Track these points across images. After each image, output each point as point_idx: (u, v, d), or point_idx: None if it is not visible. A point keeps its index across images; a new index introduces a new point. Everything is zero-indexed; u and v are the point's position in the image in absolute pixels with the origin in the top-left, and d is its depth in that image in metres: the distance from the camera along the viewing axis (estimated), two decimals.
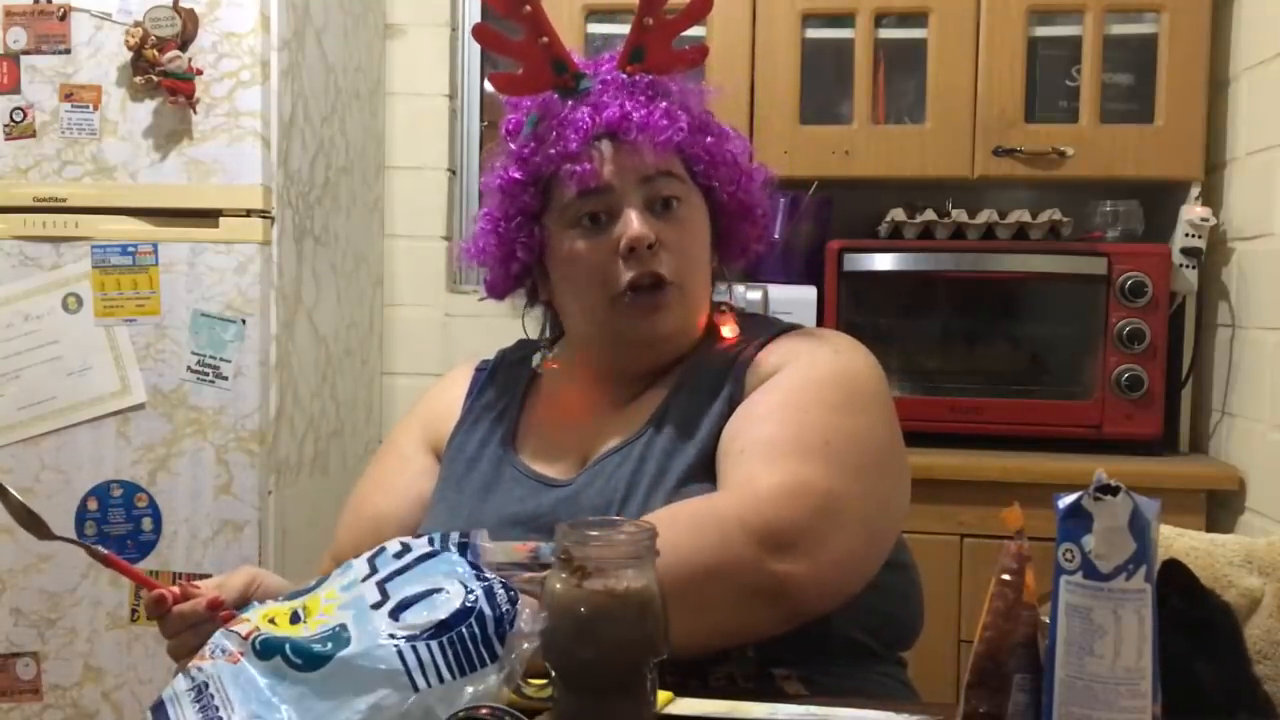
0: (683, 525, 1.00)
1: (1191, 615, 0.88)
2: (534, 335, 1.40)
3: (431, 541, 0.93)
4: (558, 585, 0.84)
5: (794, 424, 1.09)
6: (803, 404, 1.11)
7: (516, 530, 1.12)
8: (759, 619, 1.02)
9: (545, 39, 1.19)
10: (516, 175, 1.21)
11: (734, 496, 1.04)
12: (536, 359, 1.32)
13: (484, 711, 0.79)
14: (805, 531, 1.01)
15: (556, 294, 1.26)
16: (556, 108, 1.20)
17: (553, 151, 1.18)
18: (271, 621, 0.88)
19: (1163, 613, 0.83)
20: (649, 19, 1.18)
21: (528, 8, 1.17)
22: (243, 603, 1.02)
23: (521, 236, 1.22)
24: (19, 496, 1.04)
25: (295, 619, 0.87)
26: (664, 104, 1.18)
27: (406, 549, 0.91)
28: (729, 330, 1.25)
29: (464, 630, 0.82)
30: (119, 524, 2.17)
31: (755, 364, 1.18)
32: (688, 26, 1.21)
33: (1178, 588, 0.88)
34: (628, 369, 1.25)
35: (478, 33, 1.23)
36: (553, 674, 0.85)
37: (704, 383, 1.19)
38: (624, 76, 1.20)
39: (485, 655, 0.82)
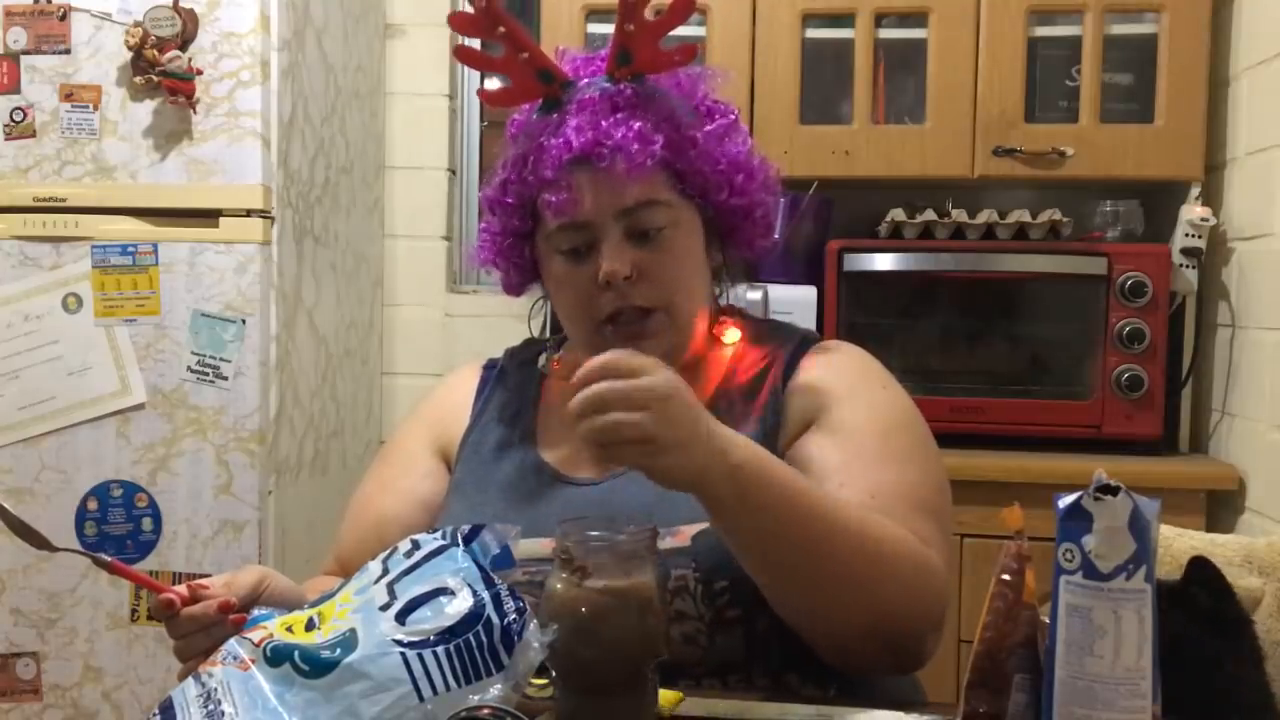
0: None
1: (1223, 614, 0.87)
2: (535, 335, 1.40)
3: (444, 536, 0.92)
4: (558, 585, 0.84)
5: (906, 481, 1.11)
6: (896, 454, 1.14)
7: (548, 530, 1.11)
8: (869, 651, 1.05)
9: (525, 54, 1.17)
10: (507, 200, 1.21)
11: (931, 556, 1.05)
12: (542, 360, 1.32)
13: (485, 711, 0.78)
14: (944, 610, 1.07)
15: (554, 306, 1.27)
16: (536, 129, 1.18)
17: (531, 178, 1.18)
18: (289, 629, 0.88)
19: (1191, 611, 0.83)
20: (629, 25, 1.15)
21: (501, 29, 1.15)
22: (252, 602, 1.02)
23: (514, 256, 1.25)
24: (15, 513, 1.03)
25: (310, 626, 0.87)
26: (638, 124, 1.14)
27: (416, 546, 0.91)
28: (730, 337, 1.25)
29: (470, 638, 0.82)
30: (119, 524, 2.17)
31: (793, 383, 1.19)
32: (672, 28, 1.17)
33: (1204, 585, 0.88)
34: None
35: (459, 54, 1.23)
36: (553, 674, 0.85)
37: (735, 397, 1.19)
38: (607, 86, 1.17)
39: (491, 664, 0.82)
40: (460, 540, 0.90)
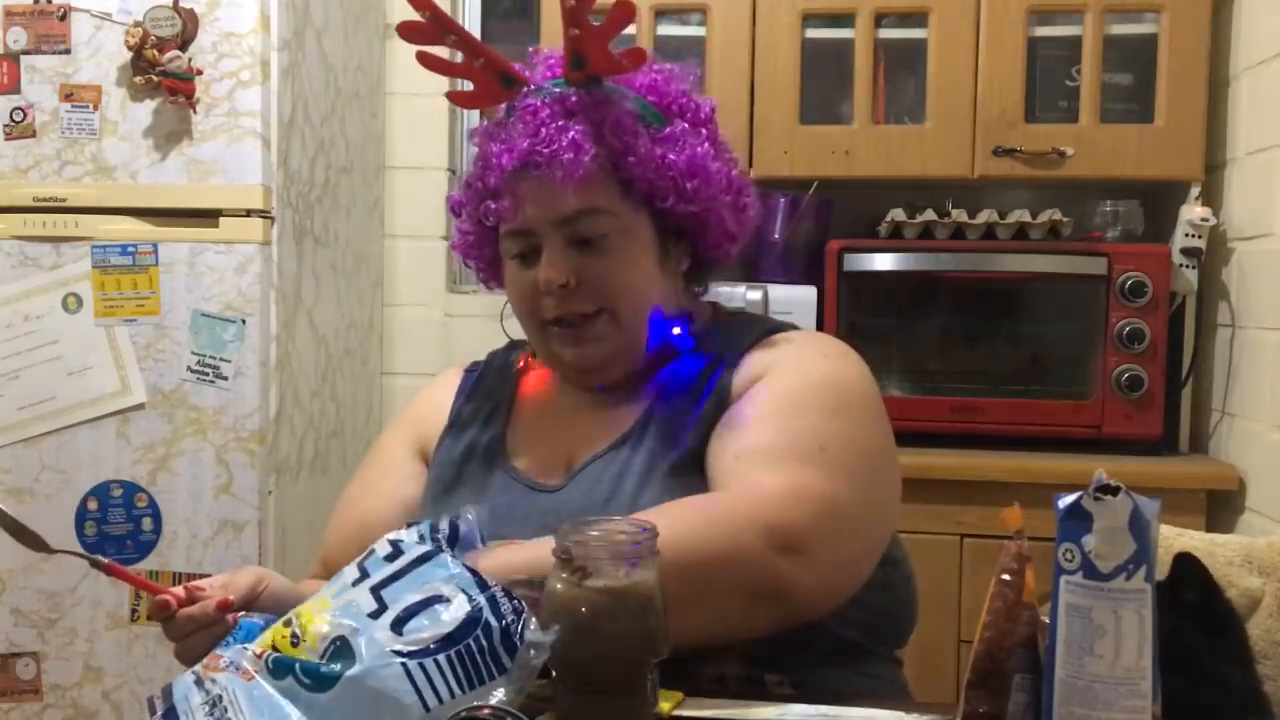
0: (690, 515, 1.01)
1: (1211, 612, 0.87)
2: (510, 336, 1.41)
3: (421, 536, 0.92)
4: (558, 585, 0.84)
5: (788, 430, 1.09)
6: (795, 409, 1.11)
7: (507, 536, 1.11)
8: (757, 617, 1.02)
9: (481, 60, 1.17)
10: (466, 203, 1.24)
11: (739, 494, 1.04)
12: (513, 356, 1.34)
13: (485, 711, 0.78)
14: (810, 533, 1.02)
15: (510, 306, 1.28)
16: (489, 133, 1.20)
17: (479, 185, 1.20)
18: (274, 648, 0.87)
19: (1178, 608, 0.83)
20: (574, 30, 1.13)
21: (452, 36, 1.15)
22: (250, 602, 1.02)
23: (480, 255, 1.27)
24: (12, 514, 1.02)
25: (295, 641, 0.86)
26: (574, 132, 1.13)
27: (398, 550, 0.91)
28: (683, 345, 1.23)
29: (471, 643, 0.81)
30: (119, 524, 2.17)
31: (740, 366, 1.17)
32: (617, 32, 1.15)
33: (1192, 582, 0.88)
34: (580, 386, 1.25)
35: (421, 59, 1.23)
36: (553, 674, 0.85)
37: (686, 386, 1.18)
38: (558, 91, 1.17)
39: (493, 668, 0.81)
40: (444, 544, 0.90)
